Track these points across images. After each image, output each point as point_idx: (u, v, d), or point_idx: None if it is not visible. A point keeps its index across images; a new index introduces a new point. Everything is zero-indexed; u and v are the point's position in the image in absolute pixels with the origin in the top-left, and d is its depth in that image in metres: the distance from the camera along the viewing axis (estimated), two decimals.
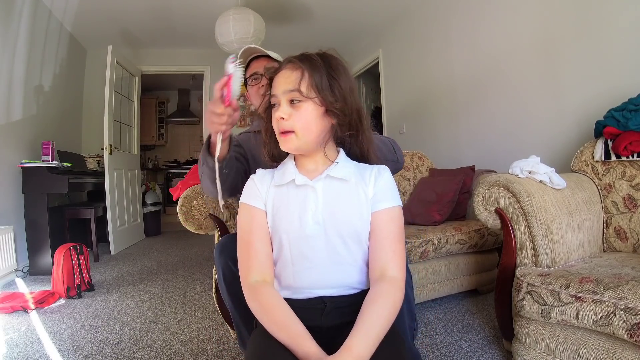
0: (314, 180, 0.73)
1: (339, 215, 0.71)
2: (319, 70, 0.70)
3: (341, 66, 0.73)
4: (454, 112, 2.90)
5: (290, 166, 0.75)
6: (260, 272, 0.70)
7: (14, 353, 1.38)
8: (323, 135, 0.72)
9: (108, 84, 3.38)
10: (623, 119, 1.36)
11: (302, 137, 0.69)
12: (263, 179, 0.77)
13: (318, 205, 0.71)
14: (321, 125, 0.71)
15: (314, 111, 0.69)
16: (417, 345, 1.34)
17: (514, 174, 1.25)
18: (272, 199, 0.74)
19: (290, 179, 0.73)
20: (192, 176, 1.57)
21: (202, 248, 3.48)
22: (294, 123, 0.69)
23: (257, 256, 0.71)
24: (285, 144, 0.71)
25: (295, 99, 0.69)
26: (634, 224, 1.29)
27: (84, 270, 2.18)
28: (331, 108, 0.69)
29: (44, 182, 2.62)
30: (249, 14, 2.91)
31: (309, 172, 0.75)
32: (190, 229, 1.38)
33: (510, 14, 2.30)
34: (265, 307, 0.66)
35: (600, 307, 0.85)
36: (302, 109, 0.69)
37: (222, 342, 1.44)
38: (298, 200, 0.72)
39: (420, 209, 1.98)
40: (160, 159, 6.62)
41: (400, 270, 0.69)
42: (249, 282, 0.69)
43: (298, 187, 0.73)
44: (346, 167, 0.74)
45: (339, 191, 0.72)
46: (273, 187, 0.75)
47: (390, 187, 0.75)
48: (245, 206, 0.75)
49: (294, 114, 0.69)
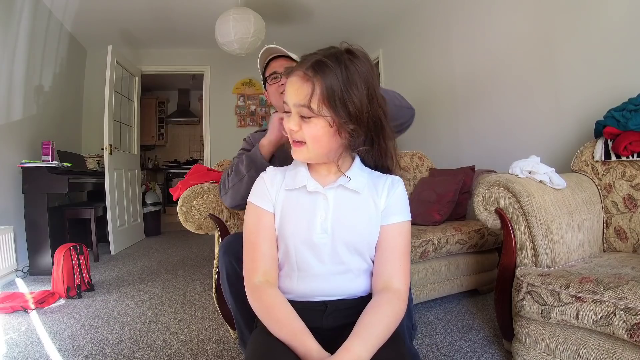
0: (327, 187, 0.71)
1: (348, 226, 0.70)
2: (333, 83, 0.63)
3: (361, 70, 0.66)
4: (454, 112, 2.90)
5: (303, 170, 0.74)
6: (264, 273, 0.69)
7: (14, 353, 1.38)
8: (336, 150, 0.69)
9: (108, 84, 3.38)
10: (623, 119, 1.36)
11: (313, 150, 0.68)
12: (274, 180, 0.75)
13: (328, 213, 0.70)
14: (333, 142, 0.68)
15: (324, 128, 0.66)
16: (417, 345, 1.34)
17: (514, 174, 1.25)
18: (282, 202, 0.73)
19: (302, 185, 0.72)
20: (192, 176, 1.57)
21: (202, 248, 3.48)
22: (304, 135, 0.67)
23: (263, 258, 0.70)
24: (297, 154, 0.71)
25: (304, 115, 0.66)
26: (634, 224, 1.29)
27: (84, 270, 2.18)
28: (344, 128, 0.66)
29: (44, 182, 2.62)
30: (249, 14, 2.91)
31: (322, 177, 0.73)
32: (190, 229, 1.38)
33: (510, 14, 2.30)
34: (266, 305, 0.66)
35: (600, 307, 0.85)
36: (312, 123, 0.66)
37: (222, 342, 1.44)
38: (308, 207, 0.71)
39: (420, 209, 1.98)
40: (160, 159, 6.62)
41: (404, 284, 0.69)
42: (252, 282, 0.69)
43: (309, 193, 0.72)
44: (360, 177, 0.73)
45: (350, 201, 0.71)
46: (283, 190, 0.73)
47: (402, 200, 0.74)
48: (253, 206, 0.74)
49: (304, 126, 0.67)
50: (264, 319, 0.65)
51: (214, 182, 1.50)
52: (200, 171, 1.60)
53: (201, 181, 1.48)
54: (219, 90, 4.59)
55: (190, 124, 6.75)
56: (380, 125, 0.70)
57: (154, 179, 6.10)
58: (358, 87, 0.65)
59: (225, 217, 1.39)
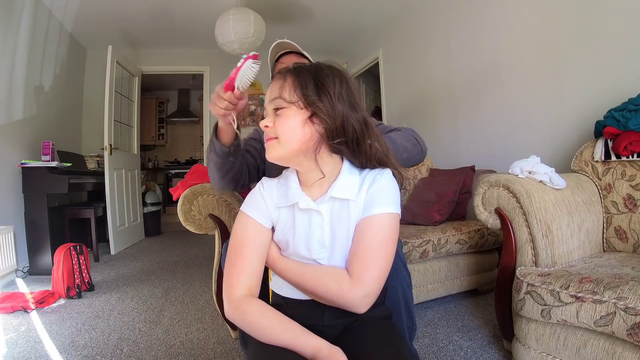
0: (318, 201, 0.69)
1: (344, 237, 0.68)
2: (305, 76, 0.66)
3: (334, 73, 0.68)
4: (454, 112, 2.90)
5: (294, 184, 0.71)
6: (247, 286, 0.67)
7: (14, 353, 1.38)
8: (312, 144, 0.66)
9: (108, 84, 3.37)
10: (623, 119, 1.36)
11: (284, 143, 0.66)
12: (271, 195, 0.73)
13: (324, 229, 0.69)
14: (307, 132, 0.65)
15: (296, 116, 0.65)
16: (417, 345, 1.34)
17: (514, 174, 1.25)
18: (279, 218, 0.72)
19: (294, 202, 0.70)
20: (192, 176, 1.57)
21: (202, 248, 3.48)
22: (276, 129, 0.66)
23: (250, 273, 0.68)
24: (269, 151, 0.68)
25: (278, 106, 0.66)
26: (634, 224, 1.29)
27: (84, 270, 2.18)
28: (315, 111, 0.64)
29: (44, 182, 2.62)
30: (249, 14, 2.91)
31: (312, 189, 0.70)
32: (190, 229, 1.38)
33: (510, 14, 2.30)
34: (256, 317, 0.63)
35: (600, 307, 0.85)
36: (283, 115, 0.66)
37: (222, 342, 1.44)
38: (304, 224, 0.69)
39: (420, 209, 1.98)
40: (160, 159, 6.62)
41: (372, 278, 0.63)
42: (234, 296, 0.66)
43: (303, 210, 0.69)
44: (349, 182, 0.69)
45: (344, 211, 0.69)
46: (277, 207, 0.72)
47: (384, 192, 0.68)
48: (244, 215, 0.72)
49: (277, 120, 0.66)
50: (255, 332, 0.62)
51: None
52: (200, 171, 1.60)
53: (201, 181, 1.48)
54: None
55: (190, 124, 6.75)
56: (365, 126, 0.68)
57: (154, 179, 6.10)
58: (331, 80, 0.66)
59: (225, 217, 1.39)
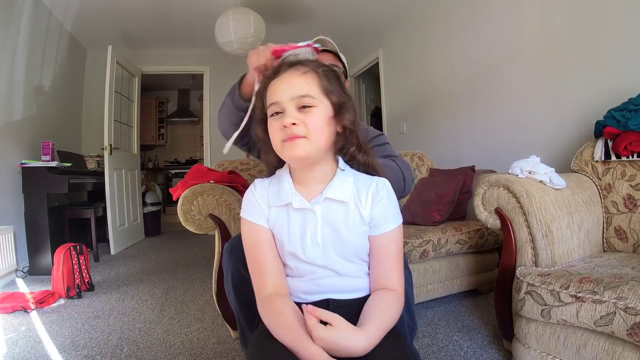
0: (313, 201, 0.70)
1: (338, 237, 0.70)
2: (329, 75, 0.70)
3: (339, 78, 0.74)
4: (454, 112, 2.90)
5: (287, 183, 0.72)
6: (273, 285, 0.70)
7: (14, 353, 1.38)
8: (330, 143, 0.70)
9: (108, 84, 3.38)
10: (623, 119, 1.36)
11: (315, 141, 0.65)
12: (263, 194, 0.74)
13: (317, 227, 0.70)
14: (331, 131, 0.69)
15: (326, 115, 0.67)
16: (417, 345, 1.34)
17: (514, 174, 1.25)
18: (273, 218, 0.73)
19: (287, 202, 0.71)
20: (192, 176, 1.57)
21: (202, 248, 3.48)
22: (306, 127, 0.65)
23: (269, 272, 0.71)
24: (294, 150, 0.65)
25: (306, 104, 0.66)
26: (634, 224, 1.29)
27: (84, 270, 2.18)
28: (340, 111, 0.69)
29: (44, 182, 2.62)
30: (249, 14, 2.91)
31: (307, 189, 0.72)
32: (190, 229, 1.38)
33: (510, 14, 2.30)
34: (275, 312, 0.66)
35: (600, 307, 0.85)
36: (313, 113, 0.66)
37: (222, 342, 1.44)
38: (298, 223, 0.71)
39: (420, 209, 1.98)
40: (160, 159, 6.62)
41: (401, 286, 0.71)
42: (263, 295, 0.69)
43: (297, 209, 0.71)
44: (346, 184, 0.71)
45: (338, 213, 0.70)
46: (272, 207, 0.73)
47: (389, 207, 0.72)
48: (244, 220, 0.74)
49: (306, 118, 0.65)
50: (271, 325, 0.65)
51: (214, 182, 1.49)
52: (200, 171, 1.60)
53: (201, 181, 1.48)
54: (219, 90, 4.58)
55: (190, 124, 6.75)
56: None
57: (154, 179, 6.10)
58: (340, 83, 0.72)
59: (225, 217, 1.39)
